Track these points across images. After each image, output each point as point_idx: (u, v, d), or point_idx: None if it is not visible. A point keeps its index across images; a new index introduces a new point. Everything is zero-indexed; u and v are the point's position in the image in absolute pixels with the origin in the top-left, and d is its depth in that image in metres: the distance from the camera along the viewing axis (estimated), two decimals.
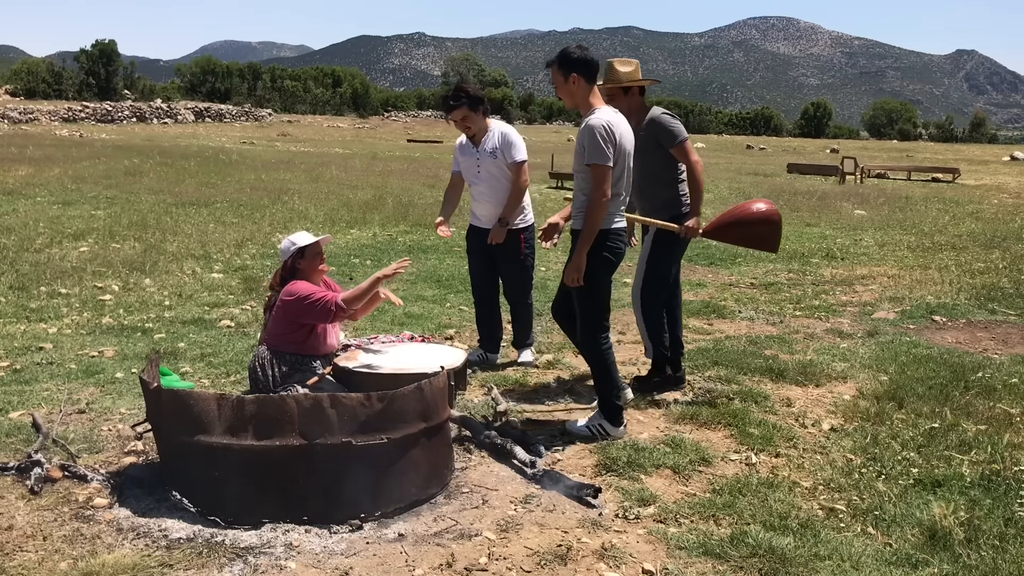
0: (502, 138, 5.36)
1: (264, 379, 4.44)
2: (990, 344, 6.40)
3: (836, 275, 9.24)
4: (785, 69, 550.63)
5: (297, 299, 4.39)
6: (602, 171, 4.11)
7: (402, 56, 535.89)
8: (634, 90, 4.97)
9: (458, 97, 5.25)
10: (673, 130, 4.90)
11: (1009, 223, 14.06)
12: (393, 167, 24.04)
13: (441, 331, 6.44)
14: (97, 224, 11.20)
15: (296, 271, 4.54)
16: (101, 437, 4.20)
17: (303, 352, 4.54)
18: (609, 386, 4.39)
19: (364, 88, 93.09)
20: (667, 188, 5.02)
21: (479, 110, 5.29)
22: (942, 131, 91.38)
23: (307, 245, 4.55)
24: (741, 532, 3.31)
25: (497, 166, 5.36)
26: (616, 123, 4.19)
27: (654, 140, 4.91)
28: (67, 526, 3.30)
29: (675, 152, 4.92)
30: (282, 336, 4.50)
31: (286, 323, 4.48)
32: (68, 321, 6.41)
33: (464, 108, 5.25)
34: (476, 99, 5.27)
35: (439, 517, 3.47)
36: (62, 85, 69.03)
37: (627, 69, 4.92)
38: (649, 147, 4.90)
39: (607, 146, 4.10)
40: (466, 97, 5.25)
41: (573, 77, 4.23)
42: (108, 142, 31.41)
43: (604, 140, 4.10)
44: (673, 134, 4.89)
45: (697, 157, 4.94)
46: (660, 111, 4.99)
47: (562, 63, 4.25)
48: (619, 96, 4.91)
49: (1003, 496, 3.66)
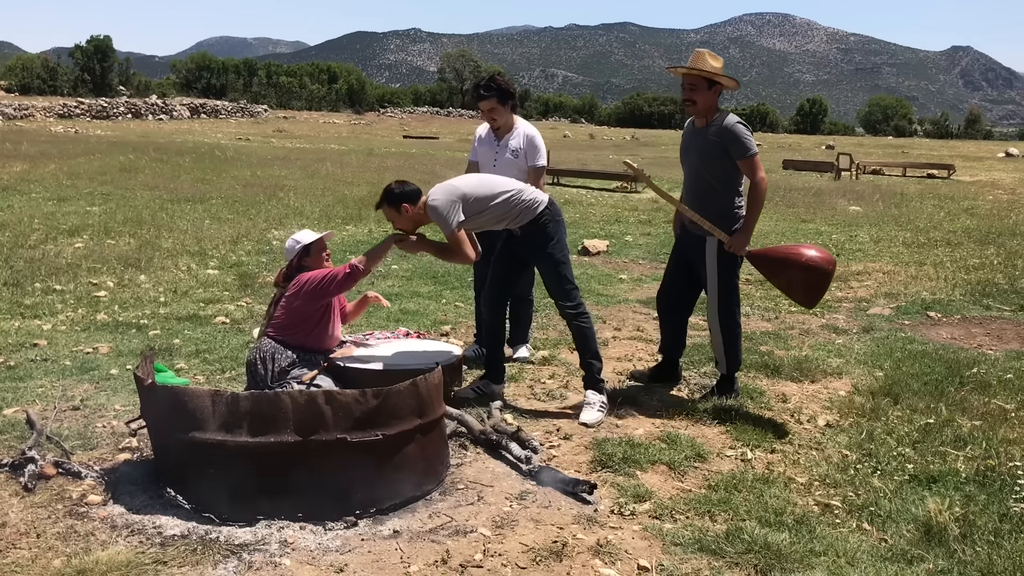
0: (527, 140, 5.37)
1: (264, 373, 4.43)
2: (985, 340, 6.41)
3: None
4: (781, 65, 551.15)
5: (312, 279, 4.44)
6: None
7: (398, 52, 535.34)
8: (716, 87, 4.73)
9: (489, 88, 5.28)
10: (746, 142, 4.66)
11: (1004, 219, 14.08)
12: (389, 163, 24.01)
13: (437, 327, 6.44)
14: (92, 220, 11.17)
15: (302, 268, 4.58)
16: (95, 434, 4.19)
17: (306, 345, 4.54)
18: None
19: (360, 84, 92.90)
20: (722, 199, 4.78)
21: (508, 104, 5.32)
22: (937, 127, 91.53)
23: (312, 242, 4.58)
24: (737, 528, 3.31)
25: (516, 166, 5.33)
26: None
27: (721, 147, 4.68)
28: (61, 523, 3.29)
29: (742, 165, 4.70)
30: (291, 328, 4.50)
31: (302, 311, 4.49)
32: (63, 317, 6.40)
33: (493, 100, 5.27)
34: (506, 93, 5.30)
35: (434, 514, 3.47)
36: (57, 81, 68.84)
37: (717, 64, 4.70)
38: (715, 153, 4.71)
39: None
40: (496, 89, 5.27)
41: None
42: (103, 138, 31.34)
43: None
44: (745, 146, 4.65)
45: (764, 175, 4.73)
46: (735, 119, 4.75)
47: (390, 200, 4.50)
48: (701, 87, 4.68)
49: (998, 492, 3.66)
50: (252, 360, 4.50)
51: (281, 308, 4.55)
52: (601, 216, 13.87)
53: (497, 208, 4.52)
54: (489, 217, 4.55)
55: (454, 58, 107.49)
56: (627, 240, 11.30)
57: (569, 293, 4.69)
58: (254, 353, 4.52)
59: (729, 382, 4.97)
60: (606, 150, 37.09)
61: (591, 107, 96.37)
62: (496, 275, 4.89)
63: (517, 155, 5.35)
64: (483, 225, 4.63)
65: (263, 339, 4.58)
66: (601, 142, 47.45)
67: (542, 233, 4.61)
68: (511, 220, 4.59)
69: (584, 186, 19.51)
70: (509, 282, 4.95)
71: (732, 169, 4.75)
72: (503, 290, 4.93)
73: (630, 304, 7.47)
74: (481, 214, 4.51)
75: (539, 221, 4.59)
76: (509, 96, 5.32)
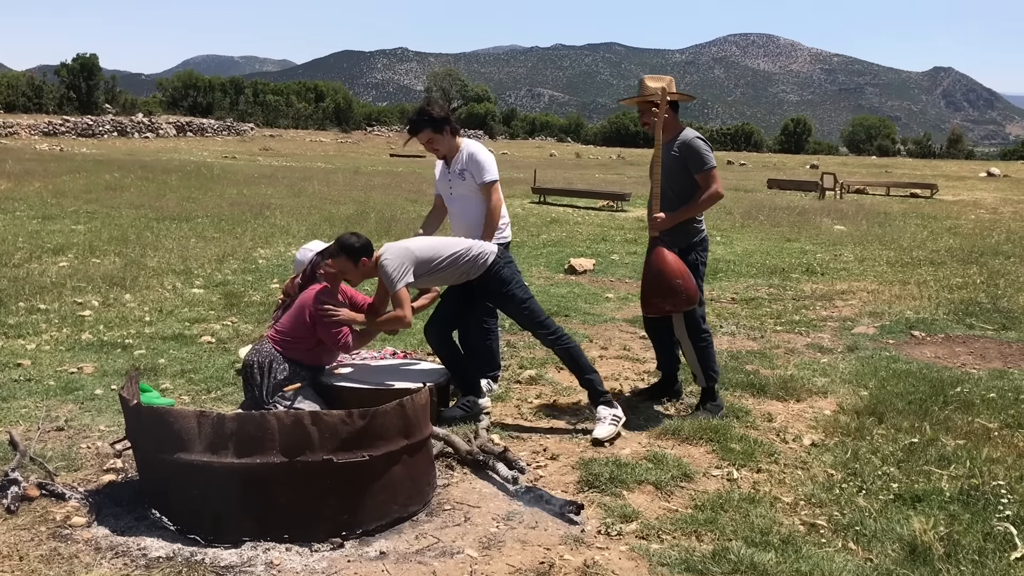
0: (470, 159, 5.17)
1: (260, 380, 4.46)
2: (968, 359, 6.46)
3: (816, 290, 9.31)
4: (765, 85, 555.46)
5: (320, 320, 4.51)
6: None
7: (385, 71, 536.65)
8: (664, 106, 4.78)
9: (421, 120, 5.07)
10: (704, 156, 4.80)
11: (986, 238, 14.21)
12: (376, 182, 24.03)
13: (423, 347, 6.42)
14: (77, 239, 11.12)
15: (315, 279, 4.72)
16: (80, 455, 4.16)
17: (306, 362, 4.61)
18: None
19: (347, 103, 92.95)
20: None
21: (444, 131, 5.09)
22: (920, 147, 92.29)
23: (325, 249, 4.73)
24: (723, 548, 3.32)
25: (468, 187, 5.20)
26: None
27: (682, 161, 4.83)
28: (44, 545, 3.26)
29: (699, 178, 4.82)
30: (293, 340, 4.57)
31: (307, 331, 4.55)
32: (47, 337, 6.36)
33: (428, 131, 5.07)
34: (438, 120, 5.06)
35: (421, 535, 3.46)
36: (42, 99, 68.52)
37: (656, 84, 4.83)
38: (677, 167, 4.84)
39: None
40: (428, 120, 5.06)
41: (363, 261, 4.52)
42: (89, 156, 31.22)
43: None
44: (703, 160, 4.79)
45: (719, 189, 4.84)
46: (694, 134, 4.88)
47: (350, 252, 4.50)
48: (649, 111, 4.82)
49: (982, 511, 3.68)
50: (250, 363, 4.52)
51: (289, 317, 4.62)
52: (587, 235, 13.92)
53: (447, 268, 4.68)
54: (439, 276, 4.74)
55: (441, 77, 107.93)
56: (613, 259, 11.33)
57: (542, 323, 4.77)
58: (252, 355, 4.54)
59: (710, 394, 5.02)
60: (592, 169, 37.23)
61: (577, 126, 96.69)
62: (443, 309, 5.02)
63: (465, 176, 5.18)
64: (434, 283, 4.88)
65: (263, 341, 4.62)
66: (587, 161, 47.63)
67: (497, 279, 4.72)
68: (463, 276, 4.75)
69: (571, 205, 19.57)
70: (454, 318, 5.06)
71: (692, 184, 4.87)
72: (445, 324, 5.00)
73: (617, 323, 7.49)
74: (431, 274, 4.69)
75: (491, 272, 4.71)
76: (443, 122, 5.08)
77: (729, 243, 13.01)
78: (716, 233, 13.67)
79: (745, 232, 14.52)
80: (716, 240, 12.89)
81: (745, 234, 14.25)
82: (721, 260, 11.02)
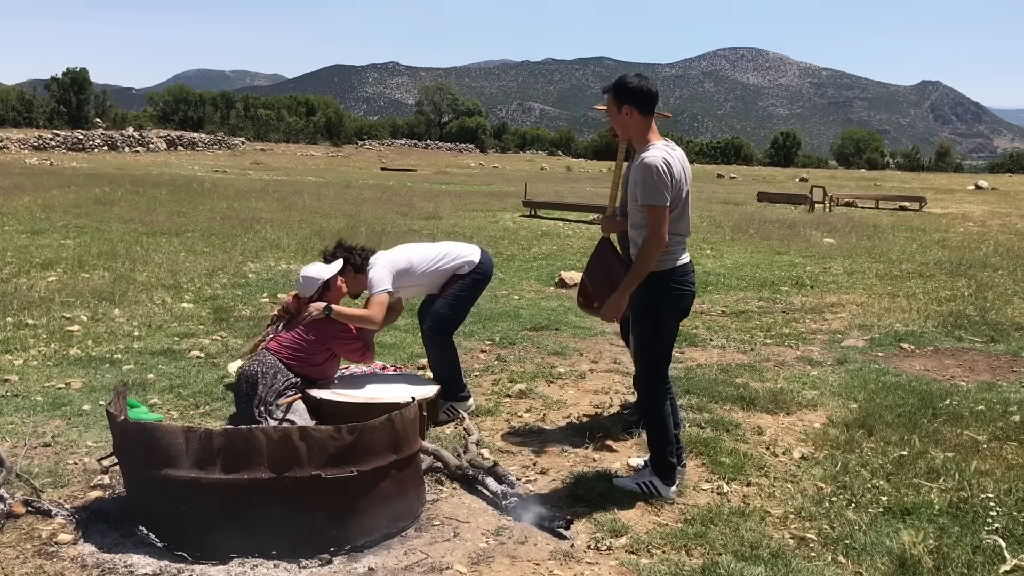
0: None
1: (257, 391, 4.47)
2: (957, 371, 6.48)
3: (806, 303, 9.33)
4: (755, 99, 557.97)
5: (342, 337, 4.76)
6: (659, 212, 3.85)
7: (376, 85, 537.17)
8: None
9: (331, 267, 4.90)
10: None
11: (975, 251, 14.28)
12: (367, 195, 24.01)
13: (413, 360, 6.42)
14: (66, 253, 11.08)
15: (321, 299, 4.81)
16: (66, 471, 4.14)
17: (309, 375, 4.71)
18: (663, 440, 4.01)
19: (338, 117, 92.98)
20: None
21: (348, 271, 4.95)
22: (909, 160, 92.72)
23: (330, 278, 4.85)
24: (713, 562, 3.32)
25: None
26: (673, 160, 3.93)
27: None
28: (30, 563, 3.24)
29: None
30: (298, 358, 4.66)
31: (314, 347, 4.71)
32: (35, 352, 6.33)
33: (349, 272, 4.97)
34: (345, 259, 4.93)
35: (410, 550, 3.44)
36: (32, 113, 68.36)
37: None
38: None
39: (664, 187, 3.84)
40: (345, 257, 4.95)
41: (626, 108, 3.96)
42: (79, 170, 31.13)
43: (660, 179, 3.84)
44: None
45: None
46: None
47: (617, 92, 3.98)
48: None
49: (971, 524, 3.69)
50: (252, 372, 4.51)
51: (296, 334, 4.69)
52: (578, 248, 13.92)
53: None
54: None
55: (432, 91, 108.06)
56: None
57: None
58: (254, 365, 4.54)
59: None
60: (583, 182, 37.29)
61: (568, 140, 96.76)
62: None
63: None
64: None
65: (265, 354, 4.63)
66: (578, 174, 47.72)
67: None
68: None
69: (561, 218, 19.59)
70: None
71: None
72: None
73: (607, 336, 7.49)
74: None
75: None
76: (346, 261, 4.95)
77: (719, 256, 13.04)
78: (706, 246, 13.69)
79: (735, 245, 14.55)
80: (706, 253, 12.91)
81: (735, 247, 14.28)
82: (711, 273, 11.04)
